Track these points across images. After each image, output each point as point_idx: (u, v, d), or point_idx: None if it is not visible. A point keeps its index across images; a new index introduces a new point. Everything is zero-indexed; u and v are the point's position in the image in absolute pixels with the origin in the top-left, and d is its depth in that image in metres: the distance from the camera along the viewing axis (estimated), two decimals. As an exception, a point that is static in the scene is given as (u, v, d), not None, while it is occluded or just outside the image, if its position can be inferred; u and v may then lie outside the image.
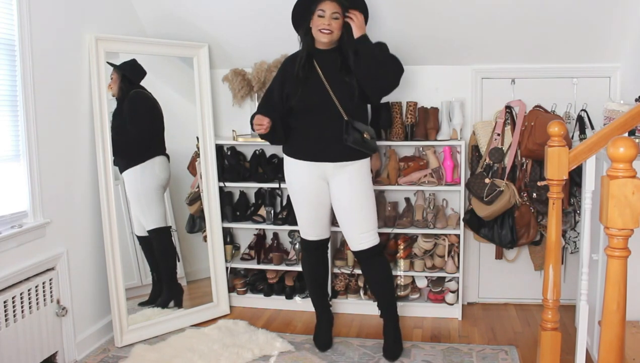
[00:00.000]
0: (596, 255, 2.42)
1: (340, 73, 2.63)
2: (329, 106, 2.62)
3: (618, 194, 1.37)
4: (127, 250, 3.11)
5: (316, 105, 2.64)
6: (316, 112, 2.65)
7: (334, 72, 2.63)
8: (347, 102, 2.62)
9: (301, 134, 2.71)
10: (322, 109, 2.63)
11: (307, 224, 2.83)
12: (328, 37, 2.59)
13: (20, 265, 2.40)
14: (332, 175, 2.70)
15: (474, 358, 2.74)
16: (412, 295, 3.31)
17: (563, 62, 3.18)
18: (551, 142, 2.05)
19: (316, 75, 2.64)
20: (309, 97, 2.64)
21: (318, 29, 2.58)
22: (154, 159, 3.15)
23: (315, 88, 2.63)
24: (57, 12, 2.63)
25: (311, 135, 2.68)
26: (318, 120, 2.65)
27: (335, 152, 2.65)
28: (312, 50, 2.66)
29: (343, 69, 2.63)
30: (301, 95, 2.64)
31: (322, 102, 2.63)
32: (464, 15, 2.95)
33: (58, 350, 2.64)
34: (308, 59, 2.65)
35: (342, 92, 2.62)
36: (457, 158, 3.24)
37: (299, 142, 2.73)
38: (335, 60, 2.65)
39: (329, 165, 2.67)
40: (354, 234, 2.73)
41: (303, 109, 2.68)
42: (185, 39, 3.23)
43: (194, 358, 2.71)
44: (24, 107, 2.43)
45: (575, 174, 2.93)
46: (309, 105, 2.65)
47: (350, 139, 2.59)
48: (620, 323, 1.45)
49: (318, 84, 2.63)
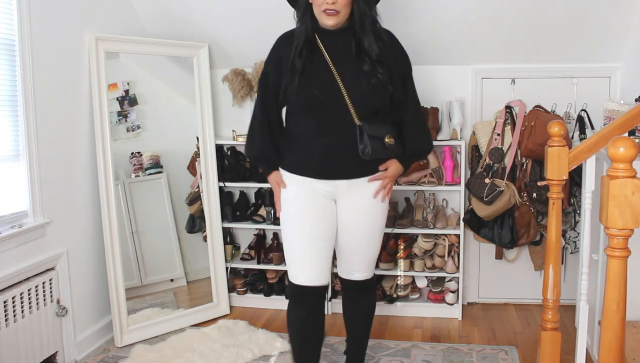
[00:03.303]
0: (596, 255, 2.42)
1: (358, 60, 2.00)
2: (340, 103, 2.00)
3: (618, 194, 1.37)
4: (127, 250, 3.11)
5: (322, 103, 2.00)
6: (322, 111, 2.02)
7: (347, 59, 2.01)
8: (363, 99, 2.00)
9: (303, 140, 2.08)
10: (330, 107, 2.01)
11: (303, 262, 2.10)
12: (334, 19, 1.97)
13: (20, 265, 2.40)
14: (344, 193, 2.10)
15: (474, 358, 2.74)
16: (412, 295, 3.31)
17: (563, 62, 3.18)
18: (551, 142, 2.05)
19: (321, 62, 2.02)
20: (310, 92, 2.00)
21: (321, 9, 1.97)
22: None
23: (321, 79, 2.00)
24: (57, 12, 2.63)
25: (317, 143, 2.05)
26: (325, 122, 2.03)
27: (350, 165, 2.05)
28: (312, 34, 2.03)
29: (360, 55, 2.00)
30: (301, 88, 2.01)
31: (330, 98, 2.00)
32: (464, 15, 2.95)
33: (58, 350, 2.64)
34: (307, 45, 2.02)
35: (357, 85, 1.99)
36: (457, 158, 3.24)
37: (300, 152, 2.09)
38: (347, 42, 2.02)
39: (343, 182, 2.08)
40: (352, 264, 2.24)
41: (304, 108, 2.06)
42: (185, 38, 3.23)
43: (194, 358, 2.71)
44: (24, 107, 2.43)
45: (575, 174, 2.93)
46: (312, 103, 2.02)
47: (367, 150, 1.99)
48: (620, 324, 1.45)
49: (324, 73, 2.01)
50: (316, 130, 2.05)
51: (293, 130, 2.13)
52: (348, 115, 2.00)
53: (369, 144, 1.99)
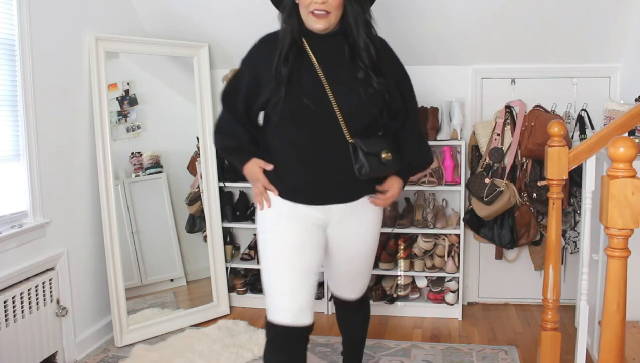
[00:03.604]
0: (596, 255, 2.42)
1: (351, 67, 1.75)
2: (329, 117, 1.74)
3: (618, 194, 1.37)
4: (127, 250, 3.11)
5: (311, 115, 1.74)
6: (310, 125, 1.76)
7: (339, 66, 1.76)
8: (355, 112, 1.76)
9: (286, 159, 1.81)
10: (319, 121, 1.75)
11: (287, 300, 1.79)
12: (324, 22, 1.71)
13: (20, 265, 2.40)
14: (338, 219, 1.86)
15: (474, 358, 2.74)
16: (412, 295, 3.31)
17: (563, 62, 3.18)
18: (551, 142, 2.05)
19: (308, 69, 1.75)
20: (298, 101, 1.73)
21: (309, 10, 1.70)
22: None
23: (308, 89, 1.74)
24: (57, 12, 2.63)
25: (305, 162, 1.78)
26: (313, 138, 1.77)
27: (346, 187, 1.82)
28: (299, 36, 1.76)
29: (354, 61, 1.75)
30: (288, 98, 1.73)
31: (318, 111, 1.73)
32: (464, 15, 2.95)
33: (58, 350, 2.64)
34: (294, 49, 1.75)
35: (349, 97, 1.75)
36: (457, 158, 3.24)
37: (285, 172, 1.81)
38: (339, 47, 1.76)
39: (337, 207, 1.83)
40: (345, 288, 2.10)
41: (289, 121, 1.77)
42: (185, 38, 3.23)
43: (194, 358, 2.71)
44: (24, 107, 2.43)
45: (575, 174, 2.93)
46: (299, 115, 1.75)
47: (364, 169, 1.75)
48: (621, 324, 1.45)
49: (311, 82, 1.75)
50: (303, 146, 1.78)
51: (274, 145, 1.83)
52: (339, 131, 1.75)
53: (366, 163, 1.74)
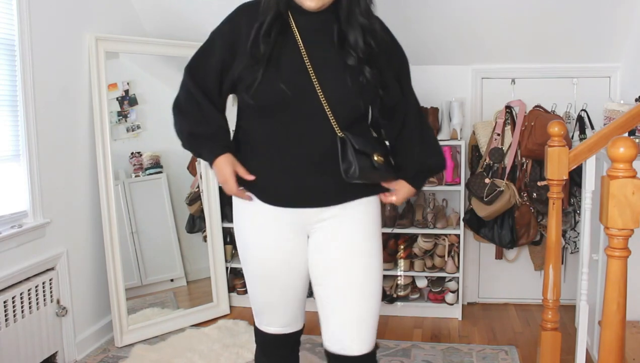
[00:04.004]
0: (596, 255, 2.42)
1: (340, 50, 1.47)
2: (313, 106, 1.46)
3: (618, 194, 1.37)
4: (127, 250, 3.11)
5: (291, 102, 1.45)
6: (291, 114, 1.47)
7: (327, 49, 1.48)
8: (343, 102, 1.47)
9: (264, 153, 1.53)
10: (300, 110, 1.47)
11: (270, 308, 1.64)
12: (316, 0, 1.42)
13: (20, 265, 2.40)
14: (320, 226, 1.55)
15: (474, 358, 2.74)
16: (412, 295, 3.31)
17: (563, 62, 3.18)
18: (551, 142, 2.05)
19: (292, 48, 1.46)
20: (275, 88, 1.44)
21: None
22: None
23: (289, 72, 1.45)
24: (57, 12, 2.63)
25: (283, 158, 1.50)
26: (295, 130, 1.49)
27: (329, 188, 1.51)
28: (285, 9, 1.47)
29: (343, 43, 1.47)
30: (264, 82, 1.44)
31: (300, 99, 1.45)
32: (464, 15, 2.95)
33: (58, 350, 2.64)
34: (277, 24, 1.46)
35: (336, 84, 1.46)
36: (457, 158, 3.24)
37: (260, 169, 1.53)
38: (329, 27, 1.48)
39: (317, 211, 1.53)
40: (343, 328, 1.58)
41: (266, 109, 1.49)
42: (185, 38, 3.22)
43: (194, 358, 2.71)
44: (24, 107, 2.43)
45: (575, 174, 2.93)
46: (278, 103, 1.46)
47: (352, 170, 1.45)
48: (621, 324, 1.45)
49: (294, 64, 1.46)
50: (283, 140, 1.50)
51: (249, 137, 1.56)
52: (325, 123, 1.46)
53: (355, 162, 1.44)
